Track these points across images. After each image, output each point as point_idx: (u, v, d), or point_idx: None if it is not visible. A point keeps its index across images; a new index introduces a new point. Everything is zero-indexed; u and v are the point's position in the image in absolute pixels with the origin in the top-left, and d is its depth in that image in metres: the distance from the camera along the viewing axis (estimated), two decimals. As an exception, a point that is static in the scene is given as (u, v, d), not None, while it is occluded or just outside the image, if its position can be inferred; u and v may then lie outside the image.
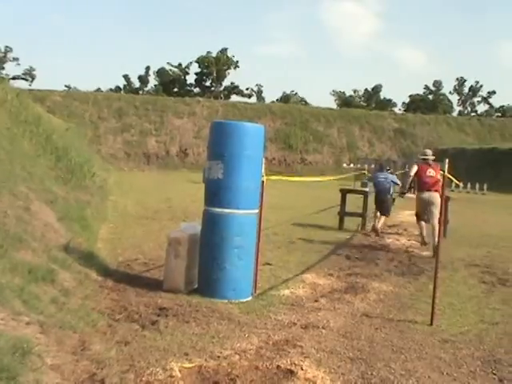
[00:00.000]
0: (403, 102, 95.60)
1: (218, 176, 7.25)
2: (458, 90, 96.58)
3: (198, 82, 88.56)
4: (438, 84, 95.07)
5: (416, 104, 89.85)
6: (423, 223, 12.32)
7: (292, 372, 4.88)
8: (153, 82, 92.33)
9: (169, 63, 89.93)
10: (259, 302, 7.27)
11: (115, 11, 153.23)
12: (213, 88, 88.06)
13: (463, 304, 7.97)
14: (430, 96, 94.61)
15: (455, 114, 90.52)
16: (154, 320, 6.04)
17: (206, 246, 7.39)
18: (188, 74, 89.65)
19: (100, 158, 38.62)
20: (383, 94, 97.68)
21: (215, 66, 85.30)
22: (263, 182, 7.65)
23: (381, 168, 16.06)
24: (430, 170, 12.08)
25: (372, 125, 59.77)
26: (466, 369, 5.46)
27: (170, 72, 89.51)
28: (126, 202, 17.59)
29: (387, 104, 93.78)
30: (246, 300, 7.29)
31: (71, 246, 8.03)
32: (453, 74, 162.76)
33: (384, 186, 14.66)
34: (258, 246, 7.77)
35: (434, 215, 11.68)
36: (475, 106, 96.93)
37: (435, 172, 12.02)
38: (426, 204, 12.07)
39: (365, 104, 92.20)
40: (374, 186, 15.29)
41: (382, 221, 14.66)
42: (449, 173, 7.41)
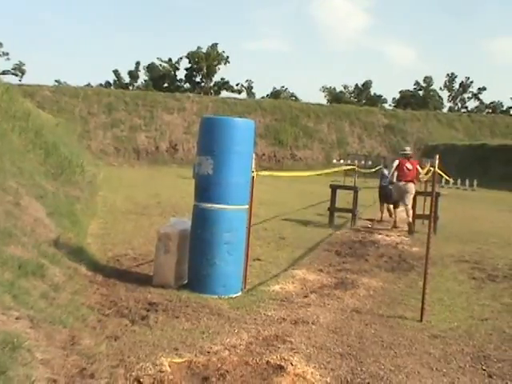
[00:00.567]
0: (393, 98, 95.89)
1: (207, 171, 7.24)
2: (448, 86, 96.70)
3: (188, 77, 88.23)
4: (428, 80, 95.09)
5: (406, 100, 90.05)
6: (397, 210, 14.89)
7: (282, 367, 4.88)
8: (143, 77, 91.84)
9: (159, 58, 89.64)
10: (249, 298, 7.28)
11: (105, 6, 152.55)
12: (203, 83, 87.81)
13: (453, 300, 8.01)
14: (421, 92, 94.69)
15: (445, 110, 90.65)
16: (144, 315, 6.04)
17: (196, 242, 7.38)
18: (178, 69, 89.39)
19: (90, 153, 38.52)
20: (373, 90, 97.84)
21: (205, 61, 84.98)
22: (253, 177, 7.66)
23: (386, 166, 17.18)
24: (408, 164, 14.49)
25: (362, 121, 59.71)
26: (455, 364, 5.49)
27: (160, 67, 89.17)
28: (116, 198, 17.56)
29: (377, 100, 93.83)
30: (235, 295, 7.30)
31: (61, 241, 8.01)
32: (443, 70, 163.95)
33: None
34: (248, 242, 7.78)
35: (408, 200, 14.28)
36: (465, 103, 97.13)
37: (413, 166, 14.50)
38: (402, 191, 14.41)
39: (355, 100, 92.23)
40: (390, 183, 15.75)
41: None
42: (439, 169, 7.43)
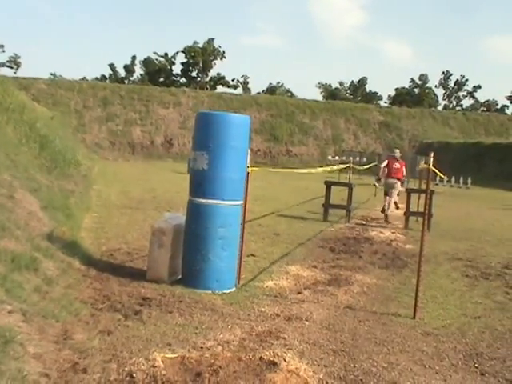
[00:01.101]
0: (389, 95, 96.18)
1: (202, 167, 7.23)
2: (443, 83, 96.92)
3: (184, 72, 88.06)
4: (423, 78, 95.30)
5: (402, 97, 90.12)
6: (387, 198, 16.63)
7: (275, 363, 4.88)
8: (139, 71, 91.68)
9: (155, 53, 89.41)
10: (243, 294, 7.27)
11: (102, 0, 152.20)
12: (199, 78, 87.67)
13: (446, 297, 8.03)
14: (416, 89, 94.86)
15: (440, 107, 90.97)
16: (137, 310, 6.03)
17: (190, 237, 7.37)
18: (174, 63, 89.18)
19: (84, 147, 38.49)
20: (369, 87, 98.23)
21: (201, 56, 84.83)
22: (248, 173, 7.65)
23: None
24: (396, 164, 16.80)
25: (357, 117, 59.79)
26: (448, 362, 5.50)
27: (156, 62, 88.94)
28: (110, 192, 17.54)
29: (373, 97, 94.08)
30: (229, 291, 7.29)
31: (55, 235, 7.99)
32: (439, 67, 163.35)
33: None
34: (242, 238, 7.78)
35: (394, 194, 16.62)
36: (460, 101, 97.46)
37: (400, 165, 16.84)
38: (390, 186, 16.69)
39: (351, 96, 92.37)
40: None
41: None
42: (433, 166, 7.43)
